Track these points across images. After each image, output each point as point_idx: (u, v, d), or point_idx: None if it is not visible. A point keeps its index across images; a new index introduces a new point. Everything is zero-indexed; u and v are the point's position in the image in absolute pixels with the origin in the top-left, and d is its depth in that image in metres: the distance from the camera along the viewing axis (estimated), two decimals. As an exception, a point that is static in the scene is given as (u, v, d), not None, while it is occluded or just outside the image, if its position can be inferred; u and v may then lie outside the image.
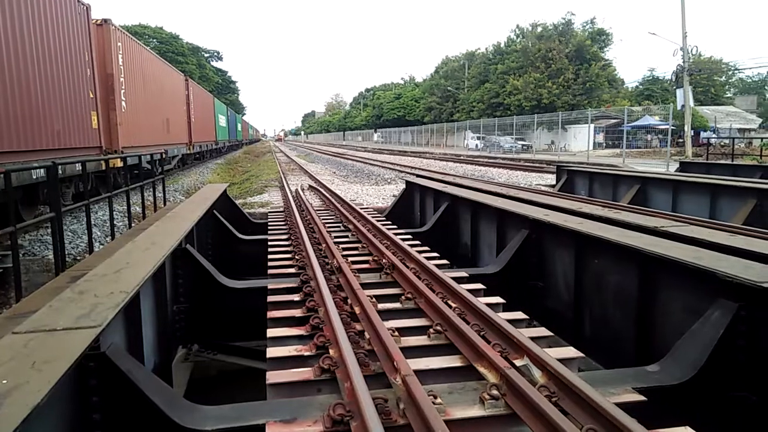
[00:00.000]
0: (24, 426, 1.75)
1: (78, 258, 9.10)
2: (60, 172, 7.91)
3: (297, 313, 4.06)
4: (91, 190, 10.98)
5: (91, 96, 12.69)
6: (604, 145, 46.52)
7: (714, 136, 39.00)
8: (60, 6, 10.83)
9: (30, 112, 9.40)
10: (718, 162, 21.11)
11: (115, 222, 8.24)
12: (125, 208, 11.61)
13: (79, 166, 10.02)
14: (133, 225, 8.67)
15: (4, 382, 2.00)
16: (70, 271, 4.39)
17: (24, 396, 1.90)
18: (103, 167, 12.62)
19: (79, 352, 2.27)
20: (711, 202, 9.31)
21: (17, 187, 7.98)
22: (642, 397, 2.78)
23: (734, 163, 20.19)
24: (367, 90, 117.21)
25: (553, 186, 15.17)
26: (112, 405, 2.59)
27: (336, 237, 6.79)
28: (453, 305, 3.90)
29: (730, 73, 70.42)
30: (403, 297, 4.30)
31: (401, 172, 23.65)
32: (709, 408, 3.04)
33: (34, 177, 8.93)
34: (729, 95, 72.13)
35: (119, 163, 13.23)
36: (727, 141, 34.20)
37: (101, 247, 9.09)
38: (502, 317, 3.57)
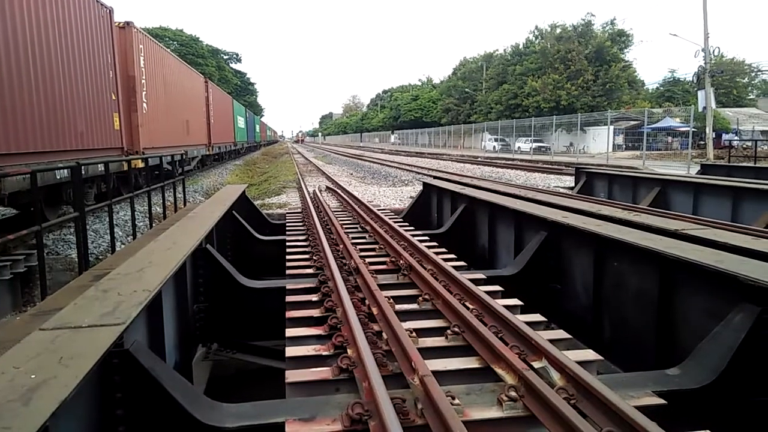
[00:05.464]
0: (52, 420, 1.80)
1: (100, 257, 9.26)
2: (83, 172, 8.04)
3: (315, 313, 4.09)
4: (113, 190, 11.15)
5: (114, 98, 12.90)
6: (624, 147, 45.97)
7: (736, 138, 38.43)
8: (84, 9, 11.04)
9: (55, 114, 9.59)
10: (740, 164, 20.75)
11: (136, 222, 8.36)
12: (146, 208, 11.78)
13: (101, 167, 10.19)
14: (154, 225, 8.79)
15: (33, 377, 2.04)
16: (93, 269, 4.47)
17: (52, 391, 1.94)
18: (125, 168, 12.83)
19: (104, 349, 2.31)
20: (733, 205, 9.16)
21: (41, 186, 8.14)
22: (662, 401, 2.76)
23: (757, 165, 19.84)
24: (385, 91, 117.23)
25: (571, 188, 15.05)
26: (135, 401, 2.64)
27: (353, 238, 6.81)
28: (470, 307, 3.89)
29: (753, 74, 68.97)
30: (420, 298, 4.31)
31: (418, 173, 23.61)
32: (730, 412, 3.00)
33: (58, 177, 9.10)
34: (752, 97, 70.82)
35: (141, 164, 13.45)
36: (749, 143, 33.62)
37: (123, 246, 9.23)
38: (520, 319, 3.56)
